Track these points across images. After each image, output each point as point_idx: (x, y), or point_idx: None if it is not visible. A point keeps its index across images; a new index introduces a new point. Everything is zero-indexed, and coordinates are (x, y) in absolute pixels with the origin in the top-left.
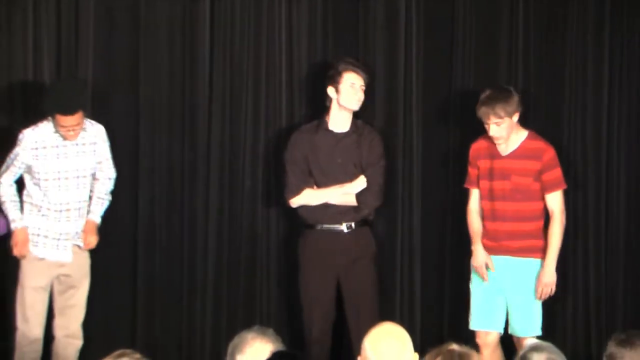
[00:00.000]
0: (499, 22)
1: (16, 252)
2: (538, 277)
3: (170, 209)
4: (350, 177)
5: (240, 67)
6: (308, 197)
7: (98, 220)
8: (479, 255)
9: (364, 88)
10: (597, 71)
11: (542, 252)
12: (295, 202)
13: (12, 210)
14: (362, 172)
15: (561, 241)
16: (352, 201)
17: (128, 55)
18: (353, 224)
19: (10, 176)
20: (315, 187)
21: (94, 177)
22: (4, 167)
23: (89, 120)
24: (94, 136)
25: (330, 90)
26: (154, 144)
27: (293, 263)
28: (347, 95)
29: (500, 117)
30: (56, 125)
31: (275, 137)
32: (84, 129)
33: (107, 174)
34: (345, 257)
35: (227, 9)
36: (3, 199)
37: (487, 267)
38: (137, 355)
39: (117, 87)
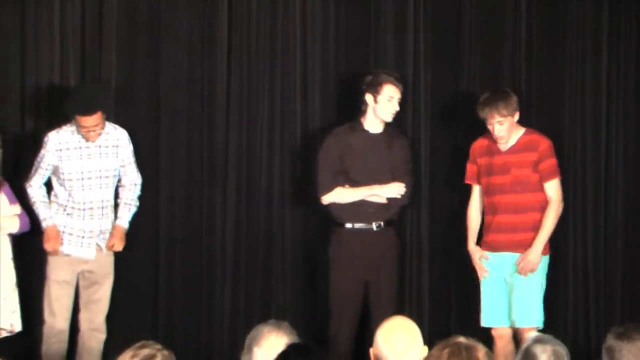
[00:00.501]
0: (502, 29)
1: (49, 247)
2: (523, 255)
3: (190, 208)
4: (382, 176)
5: (256, 72)
6: (339, 195)
7: (126, 225)
8: (473, 252)
9: (399, 101)
10: (595, 74)
11: (545, 248)
12: (327, 199)
13: (42, 209)
14: (392, 172)
15: (554, 227)
16: (381, 199)
17: (149, 59)
18: (382, 224)
19: (39, 178)
20: (347, 186)
21: (120, 182)
22: (33, 170)
23: (112, 124)
24: (116, 139)
25: (369, 98)
26: (174, 145)
27: (307, 260)
28: (384, 107)
29: (504, 116)
30: (77, 126)
31: (290, 140)
32: (106, 132)
33: (132, 179)
34: (373, 255)
35: (244, 14)
36: (33, 199)
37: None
38: (158, 346)
39: (138, 90)
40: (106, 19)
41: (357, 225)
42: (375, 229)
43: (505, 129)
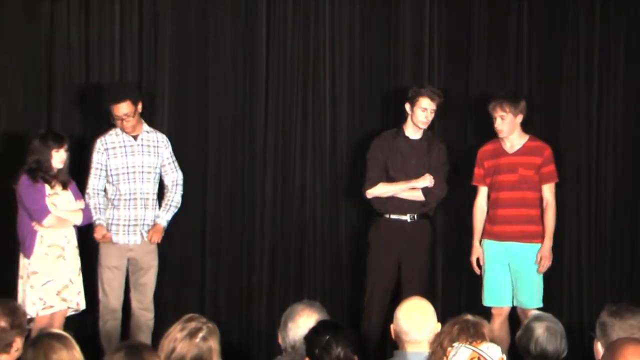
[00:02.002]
0: (506, 45)
1: (98, 235)
2: (538, 255)
3: (233, 203)
4: (420, 176)
5: (290, 83)
6: (381, 189)
7: (164, 224)
8: (475, 251)
9: (434, 110)
10: (588, 84)
11: (541, 237)
12: (371, 193)
13: (96, 214)
14: (429, 172)
15: (554, 225)
16: (419, 196)
17: (198, 70)
18: (415, 216)
19: (95, 180)
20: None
21: (163, 182)
22: (89, 174)
23: (152, 128)
24: (156, 140)
25: (408, 107)
26: (219, 147)
27: (336, 247)
28: (418, 116)
29: (506, 112)
30: (112, 118)
31: (320, 143)
32: (146, 131)
33: (173, 178)
34: (406, 242)
35: (280, 32)
36: (91, 205)
37: (478, 262)
38: (203, 319)
39: (189, 97)
40: (160, 35)
41: (393, 216)
42: (409, 220)
43: (506, 124)
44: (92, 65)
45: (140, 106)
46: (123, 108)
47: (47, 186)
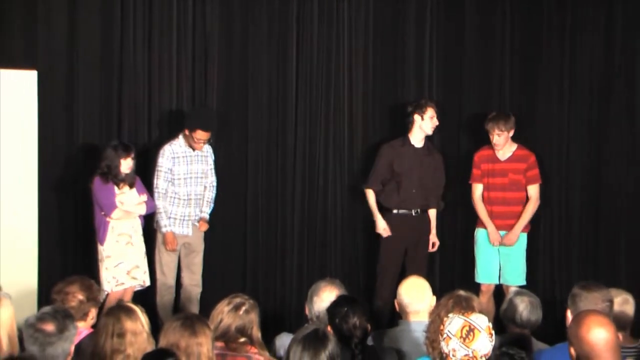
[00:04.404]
0: (493, 63)
1: (168, 247)
2: (508, 233)
3: (268, 198)
4: (424, 179)
5: (316, 99)
6: (369, 197)
7: (207, 217)
8: (493, 233)
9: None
10: (559, 98)
11: (527, 227)
12: (366, 192)
13: (163, 218)
14: (432, 176)
15: (530, 217)
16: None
17: (240, 90)
18: (419, 210)
19: (165, 183)
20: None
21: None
22: (156, 177)
23: None
24: (206, 150)
25: (417, 117)
26: (257, 154)
27: (351, 237)
28: (427, 123)
29: (502, 131)
30: (191, 137)
31: (340, 150)
32: None
33: (211, 181)
34: (411, 233)
35: (307, 57)
36: (159, 209)
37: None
38: (246, 297)
39: (233, 113)
40: (210, 61)
41: (401, 211)
42: (414, 214)
43: (502, 139)
44: (153, 85)
45: None
46: (207, 135)
47: (115, 187)
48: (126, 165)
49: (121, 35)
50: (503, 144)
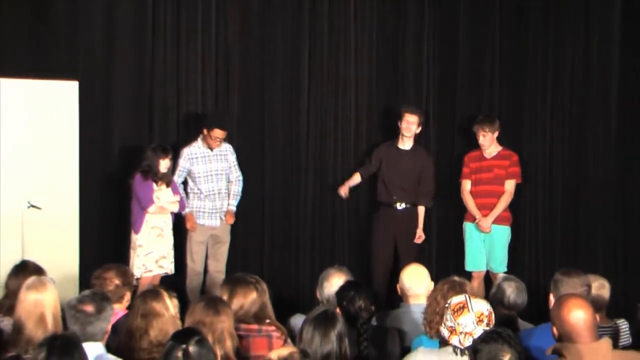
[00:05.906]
0: (483, 71)
1: (188, 225)
2: (479, 221)
3: (284, 194)
4: (402, 178)
5: (326, 104)
6: (354, 178)
7: (234, 209)
8: (485, 222)
9: (415, 124)
10: (543, 104)
11: (508, 220)
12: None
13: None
14: (418, 176)
15: (503, 209)
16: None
17: (258, 94)
18: (408, 205)
19: (178, 179)
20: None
21: (228, 179)
22: (175, 173)
23: None
24: (225, 150)
25: (399, 123)
26: (273, 153)
27: (357, 229)
28: (404, 127)
29: (486, 132)
30: (209, 136)
31: (347, 151)
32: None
33: (236, 176)
34: (400, 225)
35: (318, 63)
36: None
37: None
38: (255, 278)
39: (251, 116)
40: (231, 69)
41: (388, 205)
42: (399, 208)
43: (487, 140)
44: (182, 90)
45: None
46: (223, 134)
47: (154, 184)
48: (164, 165)
49: (152, 48)
50: (489, 144)
